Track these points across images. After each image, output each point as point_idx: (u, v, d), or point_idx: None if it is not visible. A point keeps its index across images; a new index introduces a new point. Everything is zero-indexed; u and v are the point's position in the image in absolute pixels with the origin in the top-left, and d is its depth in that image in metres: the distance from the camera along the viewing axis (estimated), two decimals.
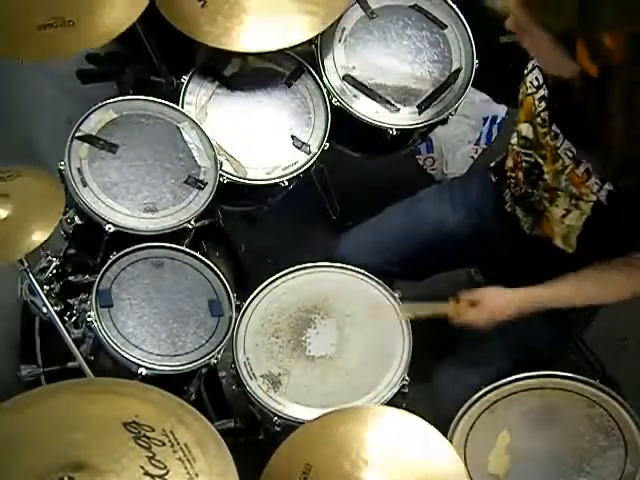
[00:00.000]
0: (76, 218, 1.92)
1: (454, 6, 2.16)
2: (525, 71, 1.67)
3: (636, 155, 1.44)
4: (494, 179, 1.92)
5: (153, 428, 1.24)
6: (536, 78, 1.64)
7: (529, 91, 1.66)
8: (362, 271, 1.90)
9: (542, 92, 1.63)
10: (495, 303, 1.73)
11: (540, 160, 1.67)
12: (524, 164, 1.72)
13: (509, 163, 1.80)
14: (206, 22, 1.99)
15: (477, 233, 1.94)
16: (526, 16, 1.41)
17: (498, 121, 2.73)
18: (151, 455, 1.21)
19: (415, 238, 1.94)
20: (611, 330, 2.08)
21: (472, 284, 2.19)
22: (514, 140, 1.76)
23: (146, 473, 1.19)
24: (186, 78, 2.07)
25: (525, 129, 1.69)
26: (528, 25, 1.42)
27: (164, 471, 1.20)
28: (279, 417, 1.74)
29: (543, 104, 1.62)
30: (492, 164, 1.96)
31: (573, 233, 1.70)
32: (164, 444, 1.23)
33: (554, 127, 1.61)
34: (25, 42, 1.89)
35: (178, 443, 1.23)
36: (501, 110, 2.72)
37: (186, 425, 1.26)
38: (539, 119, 1.63)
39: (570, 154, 1.59)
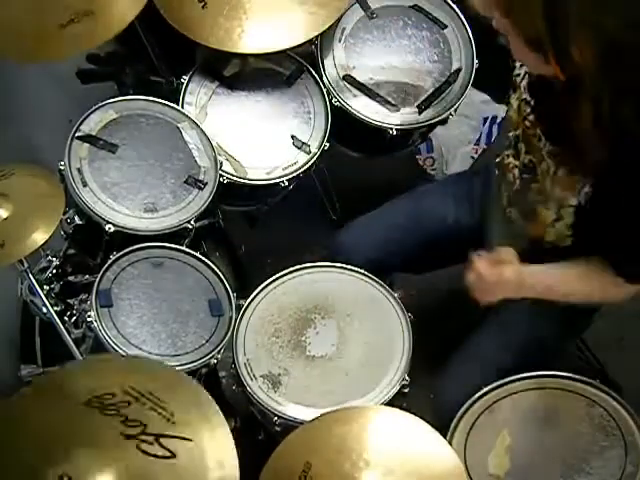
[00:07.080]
0: (76, 218, 1.92)
1: (454, 6, 2.16)
2: (516, 77, 1.70)
3: (610, 159, 1.45)
4: (497, 173, 1.91)
5: (113, 393, 1.22)
6: (523, 83, 1.66)
7: (518, 95, 1.68)
8: (362, 271, 1.90)
9: (526, 96, 1.65)
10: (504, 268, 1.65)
11: (534, 160, 1.67)
12: (518, 163, 1.73)
13: (505, 161, 1.80)
14: (207, 24, 1.99)
15: (479, 228, 1.94)
16: (503, 21, 1.45)
17: (498, 121, 2.72)
18: (123, 418, 1.19)
19: (417, 231, 1.95)
20: (611, 330, 2.08)
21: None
22: (508, 140, 1.76)
23: (127, 436, 1.17)
24: (186, 78, 2.07)
25: (518, 131, 1.70)
26: (506, 29, 1.46)
27: (142, 427, 1.18)
28: (279, 417, 1.74)
29: (528, 108, 1.63)
30: (497, 159, 1.96)
31: (564, 235, 1.70)
32: (130, 403, 1.21)
33: (538, 130, 1.62)
34: (51, 43, 1.88)
35: (142, 395, 1.21)
36: (501, 110, 2.71)
37: (139, 373, 1.24)
38: (527, 122, 1.64)
39: (552, 155, 1.59)
